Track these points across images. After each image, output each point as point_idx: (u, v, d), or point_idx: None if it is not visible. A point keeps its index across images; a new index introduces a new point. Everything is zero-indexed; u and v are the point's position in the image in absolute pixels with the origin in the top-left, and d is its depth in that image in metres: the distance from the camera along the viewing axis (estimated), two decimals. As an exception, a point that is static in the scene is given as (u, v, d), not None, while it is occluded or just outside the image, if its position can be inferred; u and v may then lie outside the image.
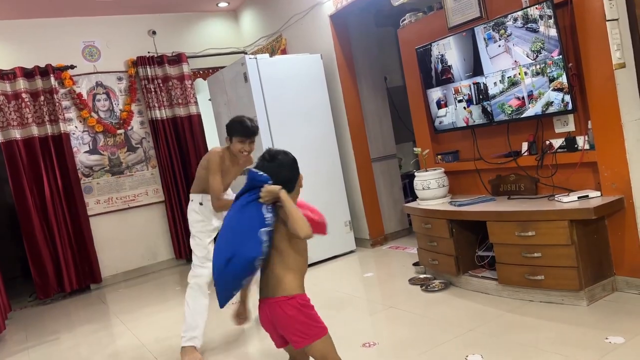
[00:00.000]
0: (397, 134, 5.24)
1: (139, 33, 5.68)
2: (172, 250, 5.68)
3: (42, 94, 5.07)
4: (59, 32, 5.28)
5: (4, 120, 4.91)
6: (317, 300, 3.62)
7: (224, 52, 6.04)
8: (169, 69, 5.70)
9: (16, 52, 5.08)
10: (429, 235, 3.46)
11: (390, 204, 5.05)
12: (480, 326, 2.68)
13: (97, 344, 3.56)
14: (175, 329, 3.58)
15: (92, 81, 5.42)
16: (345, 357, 2.59)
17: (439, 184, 3.45)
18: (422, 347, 2.56)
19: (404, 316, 3.03)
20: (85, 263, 5.19)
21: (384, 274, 4.07)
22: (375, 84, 5.04)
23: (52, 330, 4.08)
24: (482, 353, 2.37)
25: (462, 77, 3.37)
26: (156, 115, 5.58)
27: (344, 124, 4.78)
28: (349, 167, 4.84)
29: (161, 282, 5.06)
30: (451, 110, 3.52)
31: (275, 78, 4.44)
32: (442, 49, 3.46)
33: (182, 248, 5.61)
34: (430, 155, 3.77)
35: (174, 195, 5.61)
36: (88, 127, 5.35)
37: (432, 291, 3.34)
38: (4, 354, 3.66)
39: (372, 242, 4.84)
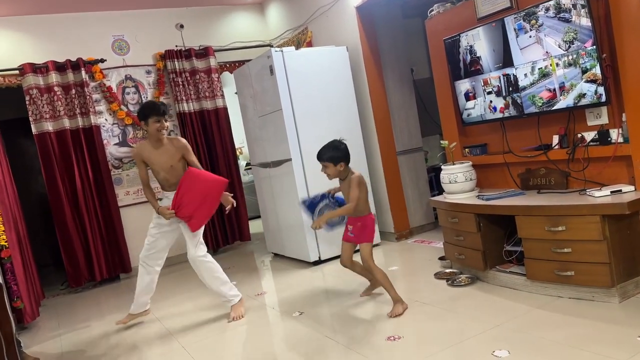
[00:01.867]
0: (424, 127, 5.19)
1: (167, 27, 5.75)
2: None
3: (73, 87, 5.18)
4: (89, 26, 5.38)
5: (37, 112, 5.04)
6: (342, 292, 3.65)
7: (250, 46, 6.07)
8: (197, 62, 5.75)
9: (48, 46, 5.20)
10: (455, 230, 3.43)
11: (416, 197, 5.01)
12: (507, 322, 2.65)
13: (126, 332, 3.64)
14: (201, 318, 3.64)
15: (122, 74, 5.51)
16: (370, 350, 2.60)
17: (467, 178, 3.40)
18: (448, 342, 2.54)
19: (429, 310, 3.01)
20: (115, 253, 5.31)
21: (409, 267, 4.04)
22: (402, 76, 4.99)
23: (83, 317, 4.19)
24: (509, 349, 2.34)
25: (491, 69, 3.31)
26: (184, 108, 5.65)
27: (370, 117, 4.76)
28: (374, 161, 4.81)
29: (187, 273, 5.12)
30: (480, 102, 3.46)
31: (301, 71, 4.44)
32: (471, 40, 3.40)
33: (210, 239, 5.69)
34: (458, 148, 3.72)
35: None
36: (118, 119, 5.45)
37: (458, 286, 3.31)
38: (37, 339, 3.78)
39: (397, 235, 4.81)
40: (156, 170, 3.50)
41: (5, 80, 5.03)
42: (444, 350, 2.46)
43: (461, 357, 2.39)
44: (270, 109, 4.57)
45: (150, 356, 3.11)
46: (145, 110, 3.39)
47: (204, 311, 3.80)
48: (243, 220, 5.99)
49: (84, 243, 5.17)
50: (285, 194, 4.63)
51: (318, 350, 2.75)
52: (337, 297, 3.62)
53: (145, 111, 3.39)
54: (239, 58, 6.03)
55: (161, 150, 3.46)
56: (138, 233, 5.45)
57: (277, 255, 5.19)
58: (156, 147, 3.46)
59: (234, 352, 2.96)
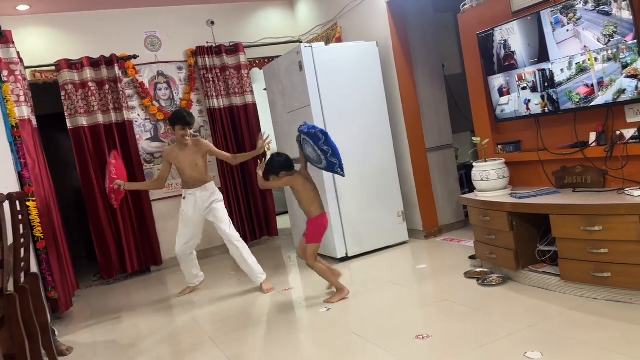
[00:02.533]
0: (454, 123, 5.11)
1: (198, 23, 5.81)
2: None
3: (107, 82, 5.28)
4: (122, 23, 5.48)
5: (72, 108, 5.16)
6: (369, 290, 3.63)
7: (279, 42, 6.08)
8: (227, 58, 5.79)
9: (83, 42, 5.31)
10: (487, 228, 3.36)
11: (445, 195, 4.94)
12: (540, 323, 2.58)
13: (156, 324, 3.70)
14: (231, 311, 3.67)
15: (154, 70, 5.60)
16: (398, 347, 2.58)
17: (499, 175, 3.33)
18: (478, 342, 2.49)
19: (459, 310, 2.96)
20: (147, 246, 5.40)
21: (438, 266, 3.99)
22: (433, 72, 4.92)
23: (114, 308, 4.28)
24: (541, 350, 2.28)
25: (526, 64, 3.23)
26: (214, 104, 5.71)
27: (399, 113, 4.71)
28: (403, 157, 4.76)
29: (217, 266, 5.19)
30: (514, 98, 3.38)
31: (330, 66, 4.42)
32: (505, 34, 3.32)
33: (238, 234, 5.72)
34: (490, 145, 3.65)
35: (230, 183, 5.73)
36: (150, 115, 5.54)
37: (489, 285, 3.25)
38: (71, 329, 3.88)
39: (426, 233, 4.76)
40: (182, 169, 4.02)
41: (42, 76, 5.17)
42: (474, 350, 2.42)
43: (492, 358, 2.34)
44: (298, 105, 4.57)
45: (179, 348, 3.16)
46: (174, 118, 3.97)
47: (234, 305, 3.84)
48: (271, 216, 6.02)
49: (116, 236, 5.28)
50: (313, 190, 4.62)
51: (345, 346, 2.74)
52: (364, 294, 3.60)
53: (174, 118, 3.97)
54: (269, 54, 6.05)
55: (187, 151, 4.02)
56: (169, 226, 5.55)
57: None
58: (182, 149, 4.02)
59: (261, 347, 2.97)
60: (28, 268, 2.96)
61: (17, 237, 2.67)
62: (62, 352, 3.27)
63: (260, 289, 4.01)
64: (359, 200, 4.51)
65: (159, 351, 3.17)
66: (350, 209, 4.48)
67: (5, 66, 3.94)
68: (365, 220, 4.52)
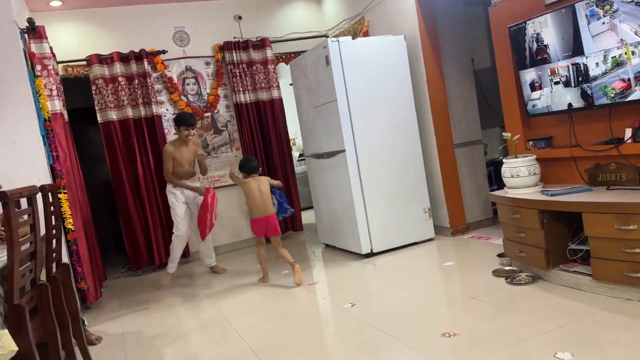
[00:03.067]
0: (483, 119, 5.03)
1: (225, 18, 5.84)
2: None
3: (136, 77, 5.36)
4: (151, 18, 5.55)
5: (103, 102, 5.25)
6: (394, 286, 3.60)
7: (306, 36, 6.07)
8: (253, 53, 5.81)
9: (113, 37, 5.40)
10: (516, 226, 3.29)
11: (473, 191, 4.87)
12: (570, 323, 2.52)
13: (183, 316, 3.75)
14: (254, 305, 3.69)
15: (182, 66, 5.65)
16: (424, 345, 2.55)
17: (530, 172, 3.26)
18: (506, 341, 2.45)
19: (487, 308, 2.91)
20: (174, 239, 5.46)
21: (465, 264, 3.93)
22: (461, 66, 4.84)
23: (142, 300, 4.35)
24: (572, 351, 2.22)
25: (559, 58, 3.15)
26: (240, 99, 5.73)
27: (427, 108, 4.65)
28: (430, 153, 4.71)
29: (243, 260, 5.23)
30: (546, 92, 3.30)
31: (357, 61, 4.39)
32: (537, 28, 3.24)
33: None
34: (521, 141, 3.57)
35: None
36: (178, 109, 5.60)
37: (518, 284, 3.19)
38: (100, 319, 3.96)
39: (452, 230, 4.70)
40: (181, 163, 4.63)
41: (74, 70, 5.27)
42: (502, 349, 2.38)
43: (520, 358, 2.30)
44: (324, 100, 4.55)
45: (206, 340, 3.19)
46: (180, 120, 4.55)
47: (259, 298, 3.86)
48: (296, 211, 6.03)
49: (145, 228, 5.36)
50: (338, 185, 4.62)
51: (369, 342, 2.73)
52: (389, 290, 3.57)
53: (179, 120, 4.55)
54: (295, 49, 6.04)
55: (187, 148, 4.65)
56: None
57: (328, 246, 5.19)
58: (183, 146, 4.64)
59: (286, 340, 2.98)
60: (59, 259, 3.03)
61: (49, 228, 2.73)
62: (91, 342, 3.34)
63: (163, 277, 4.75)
64: (385, 196, 4.48)
65: (186, 342, 3.21)
66: (376, 204, 4.45)
67: (38, 61, 4.03)
68: (390, 216, 4.49)
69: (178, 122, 4.55)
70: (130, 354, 3.14)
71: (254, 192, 4.14)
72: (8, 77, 3.68)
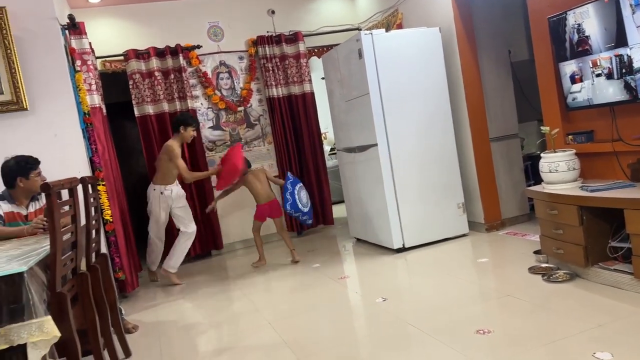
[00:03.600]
0: (520, 112, 4.91)
1: (258, 13, 5.87)
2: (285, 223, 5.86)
3: (172, 72, 5.45)
4: (186, 14, 5.62)
5: (139, 96, 5.36)
6: (426, 282, 3.57)
7: (338, 30, 6.05)
8: (286, 47, 5.82)
9: (149, 33, 5.49)
10: (554, 222, 3.21)
11: (509, 187, 4.77)
12: (610, 322, 2.45)
13: (216, 306, 3.81)
14: (286, 297, 3.72)
15: (216, 60, 5.71)
16: (458, 341, 2.52)
17: (569, 167, 3.17)
18: (543, 339, 2.39)
19: (523, 306, 2.85)
20: (209, 230, 5.56)
21: (500, 260, 3.86)
22: (498, 58, 4.74)
23: (177, 290, 4.45)
24: (611, 352, 2.16)
25: (601, 49, 3.04)
26: (273, 93, 5.76)
27: (462, 101, 4.57)
28: (464, 147, 4.63)
29: (274, 253, 5.27)
30: (587, 85, 3.19)
31: (390, 54, 4.35)
32: (579, 18, 3.14)
33: (295, 221, 5.80)
34: (560, 135, 3.47)
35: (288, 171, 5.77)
36: (212, 104, 5.67)
37: (555, 282, 3.11)
38: (137, 307, 4.06)
39: (487, 226, 4.61)
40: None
41: (112, 65, 5.40)
42: (538, 348, 2.33)
43: (557, 357, 2.24)
44: (357, 94, 4.53)
45: (238, 330, 3.23)
46: (191, 120, 4.62)
47: (291, 291, 3.89)
48: (327, 205, 6.04)
49: (179, 220, 5.45)
50: (369, 180, 4.59)
51: (401, 337, 2.71)
52: (421, 286, 3.54)
53: (190, 120, 4.61)
54: (327, 43, 6.03)
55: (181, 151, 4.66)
56: (230, 212, 5.69)
57: (359, 241, 5.18)
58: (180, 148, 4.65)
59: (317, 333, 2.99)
60: (98, 249, 3.11)
61: (88, 219, 2.81)
62: (128, 330, 3.43)
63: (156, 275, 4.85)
64: (417, 190, 4.43)
65: (219, 332, 3.26)
66: (408, 198, 4.41)
67: (78, 56, 4.14)
68: (423, 211, 4.44)
69: (187, 123, 4.57)
70: (165, 343, 3.21)
71: (254, 184, 4.67)
72: (50, 72, 3.80)
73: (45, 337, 1.80)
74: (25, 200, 3.16)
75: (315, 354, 2.67)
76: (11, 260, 2.05)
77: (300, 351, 2.73)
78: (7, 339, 1.77)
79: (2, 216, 3.04)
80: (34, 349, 1.80)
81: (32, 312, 1.80)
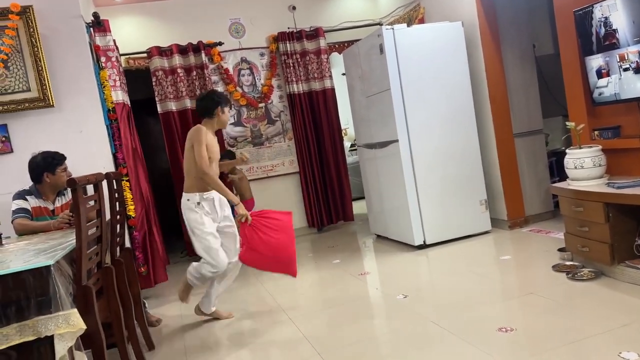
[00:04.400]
0: (545, 108, 4.82)
1: (279, 9, 5.88)
2: (305, 219, 5.89)
3: (194, 69, 5.50)
4: (208, 10, 5.66)
5: (162, 93, 5.42)
6: (448, 279, 3.54)
7: (359, 25, 6.02)
8: (307, 43, 5.82)
9: (172, 30, 5.55)
10: (579, 220, 3.15)
11: (533, 183, 4.69)
12: (637, 322, 2.40)
13: (238, 301, 3.84)
14: (307, 292, 3.73)
15: (238, 57, 5.74)
16: (480, 339, 2.50)
17: (595, 163, 3.10)
18: (566, 338, 2.36)
19: (546, 304, 2.81)
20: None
21: (523, 258, 3.81)
22: (522, 53, 4.66)
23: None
24: (638, 352, 2.11)
25: (629, 43, 2.96)
26: (293, 89, 5.77)
27: (485, 96, 4.51)
28: (487, 143, 4.57)
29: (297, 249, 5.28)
30: (614, 79, 3.12)
31: (412, 49, 4.31)
32: (606, 11, 3.06)
33: (315, 218, 5.81)
34: (586, 130, 3.40)
35: (308, 167, 5.79)
36: (233, 100, 5.70)
37: (579, 280, 3.06)
38: (160, 302, 4.13)
39: (510, 223, 4.55)
40: (213, 158, 3.24)
41: (135, 62, 5.47)
42: (561, 347, 2.29)
43: (581, 357, 2.21)
44: (377, 89, 4.51)
45: (259, 325, 3.25)
46: (223, 99, 3.33)
47: (311, 286, 3.90)
48: (347, 201, 6.03)
49: (201, 216, 5.49)
50: (390, 176, 4.57)
51: (422, 334, 2.70)
52: (443, 283, 3.52)
53: (223, 99, 3.32)
54: (348, 38, 6.01)
55: (215, 140, 3.33)
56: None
57: (380, 237, 5.16)
58: (213, 135, 3.33)
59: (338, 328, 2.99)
60: (123, 243, 3.17)
61: (113, 214, 2.86)
62: (152, 323, 3.49)
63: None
64: (439, 186, 4.39)
65: (241, 327, 3.29)
66: (429, 195, 4.37)
67: (103, 53, 4.20)
68: (445, 208, 4.40)
69: (219, 102, 3.29)
70: (188, 336, 3.25)
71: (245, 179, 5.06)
72: (75, 70, 3.86)
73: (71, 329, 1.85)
74: (52, 195, 3.24)
75: (335, 349, 2.67)
76: (38, 254, 2.10)
77: (320, 346, 2.74)
78: (35, 331, 1.82)
79: (30, 210, 3.12)
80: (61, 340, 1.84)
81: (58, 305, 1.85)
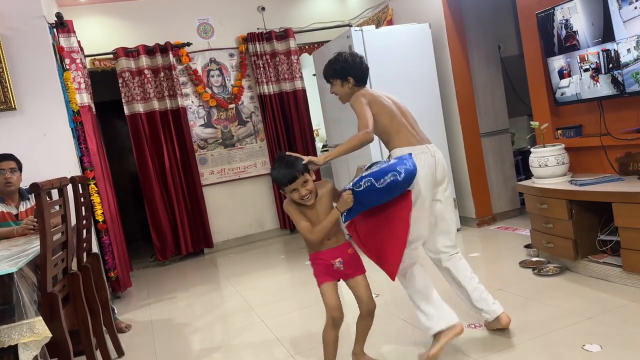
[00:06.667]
0: (511, 107, 4.93)
1: (249, 9, 5.85)
2: (277, 221, 5.88)
3: (161, 70, 5.42)
4: (176, 11, 5.58)
5: (129, 94, 5.33)
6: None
7: (329, 26, 6.04)
8: (277, 44, 5.81)
9: (139, 31, 5.45)
10: (544, 217, 3.24)
11: (500, 182, 4.79)
12: (599, 315, 2.48)
13: (209, 304, 3.80)
14: (279, 294, 3.72)
15: (206, 58, 5.68)
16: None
17: (558, 161, 3.19)
18: (534, 333, 2.42)
19: (514, 300, 2.88)
20: (200, 229, 5.55)
21: (492, 255, 3.89)
22: (488, 54, 4.76)
23: (169, 289, 4.44)
24: (601, 343, 2.19)
25: (589, 44, 3.06)
26: (264, 90, 5.75)
27: (452, 97, 4.59)
28: (455, 142, 4.65)
29: (267, 250, 5.28)
30: (575, 80, 3.22)
31: (381, 50, 4.35)
32: (566, 13, 3.16)
33: (287, 219, 5.80)
34: (549, 129, 3.50)
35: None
36: (203, 101, 5.64)
37: (545, 275, 3.14)
38: (130, 307, 4.05)
39: (479, 221, 4.64)
40: (394, 113, 2.63)
41: (101, 64, 5.36)
42: (529, 341, 2.35)
43: (548, 349, 2.27)
44: (349, 90, 4.52)
45: (231, 328, 3.23)
46: (355, 66, 2.64)
47: (283, 288, 3.89)
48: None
49: (171, 219, 5.44)
50: (362, 176, 4.59)
51: (395, 333, 2.73)
52: (414, 281, 3.55)
53: (355, 66, 2.64)
54: (318, 39, 6.02)
55: None
56: (220, 210, 5.69)
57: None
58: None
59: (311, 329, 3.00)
60: (90, 248, 3.10)
61: (79, 219, 2.80)
62: (121, 329, 3.42)
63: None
64: (409, 186, 4.44)
65: (213, 330, 3.26)
66: (400, 195, 4.41)
67: (67, 54, 4.11)
68: (415, 207, 4.45)
69: (346, 74, 2.61)
70: (158, 342, 3.20)
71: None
72: (38, 71, 3.76)
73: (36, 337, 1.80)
74: (15, 200, 3.14)
75: (308, 351, 2.68)
76: (1, 261, 2.04)
77: (293, 348, 2.74)
78: (-2, 340, 1.77)
79: (-8, 217, 3.03)
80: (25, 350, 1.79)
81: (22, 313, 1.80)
